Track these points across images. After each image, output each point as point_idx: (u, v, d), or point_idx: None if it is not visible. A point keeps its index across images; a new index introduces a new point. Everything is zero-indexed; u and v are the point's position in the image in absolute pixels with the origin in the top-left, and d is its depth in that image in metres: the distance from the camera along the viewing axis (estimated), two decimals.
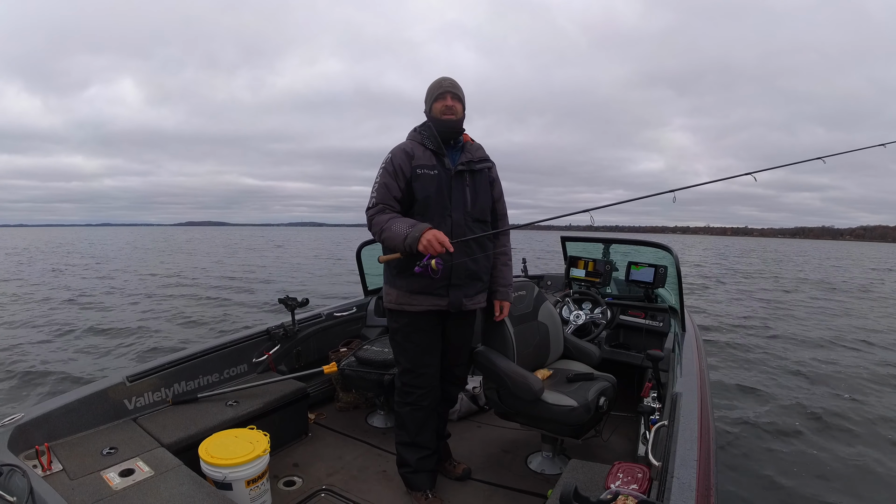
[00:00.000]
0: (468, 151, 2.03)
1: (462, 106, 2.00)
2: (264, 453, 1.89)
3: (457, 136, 2.01)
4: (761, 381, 5.10)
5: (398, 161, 1.92)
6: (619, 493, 1.29)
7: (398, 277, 1.95)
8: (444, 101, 1.96)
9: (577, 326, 3.20)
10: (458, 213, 1.95)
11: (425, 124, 2.02)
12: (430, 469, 2.11)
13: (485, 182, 2.05)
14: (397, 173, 1.91)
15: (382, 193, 1.91)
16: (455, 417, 2.85)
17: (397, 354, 2.09)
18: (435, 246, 1.72)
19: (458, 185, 1.97)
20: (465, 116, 2.02)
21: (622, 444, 2.58)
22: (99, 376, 4.13)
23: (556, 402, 2.07)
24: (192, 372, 2.44)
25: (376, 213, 1.89)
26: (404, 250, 1.79)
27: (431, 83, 2.03)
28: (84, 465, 1.73)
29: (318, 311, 3.29)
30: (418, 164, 1.92)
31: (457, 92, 1.98)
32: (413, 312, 1.96)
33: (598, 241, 3.87)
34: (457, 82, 2.00)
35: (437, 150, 1.95)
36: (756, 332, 7.69)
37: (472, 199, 1.99)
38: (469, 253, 1.96)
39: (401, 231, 1.78)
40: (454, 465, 2.29)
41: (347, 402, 3.02)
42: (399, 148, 1.97)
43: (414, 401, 2.04)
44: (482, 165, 2.05)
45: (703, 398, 1.89)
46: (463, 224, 1.95)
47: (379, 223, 1.86)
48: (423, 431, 2.07)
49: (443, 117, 1.96)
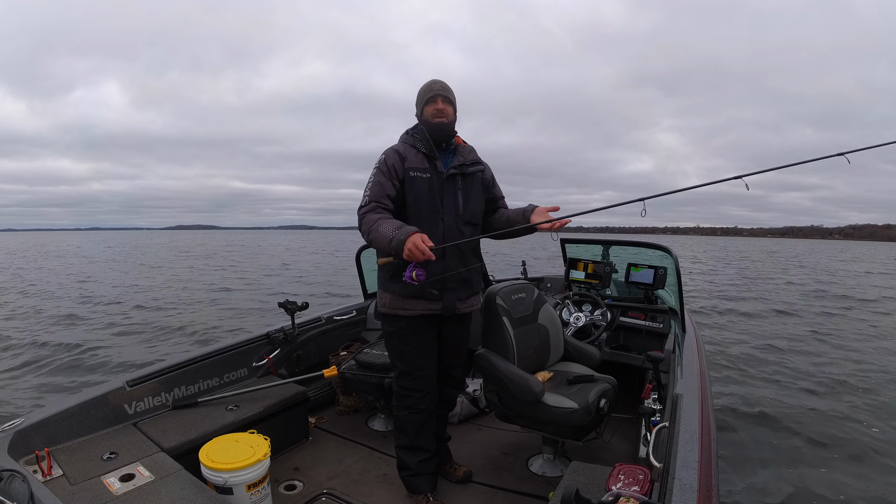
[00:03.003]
0: (460, 154, 2.03)
1: (453, 109, 2.00)
2: (265, 457, 1.88)
3: (448, 139, 2.01)
4: (762, 381, 5.11)
5: (391, 161, 1.92)
6: (620, 494, 1.29)
7: (391, 282, 1.95)
8: (434, 104, 1.96)
9: (577, 328, 3.20)
10: (450, 217, 1.95)
11: (417, 127, 2.02)
12: (431, 472, 2.11)
13: (477, 185, 2.06)
14: (391, 172, 1.91)
15: (376, 191, 1.90)
16: (456, 420, 2.85)
17: (393, 358, 2.09)
18: (416, 254, 1.68)
19: (450, 189, 1.97)
20: (457, 119, 2.02)
21: (623, 445, 2.57)
22: (99, 381, 4.12)
23: (557, 405, 2.07)
24: (192, 376, 2.44)
25: (368, 212, 1.87)
26: (390, 253, 1.77)
27: (422, 86, 2.02)
28: (84, 471, 1.72)
29: (318, 315, 3.29)
30: (410, 167, 1.92)
31: (447, 95, 1.98)
32: (408, 316, 1.96)
33: (598, 242, 3.87)
34: (447, 85, 2.00)
35: (430, 154, 1.95)
36: (755, 332, 7.70)
37: (464, 203, 2.00)
38: (461, 257, 1.97)
39: (387, 233, 1.75)
40: (455, 468, 2.28)
41: (348, 406, 3.01)
42: (392, 149, 1.98)
43: (412, 404, 2.03)
44: (474, 169, 2.05)
45: (704, 399, 1.89)
46: (455, 227, 1.96)
47: (368, 222, 1.84)
48: (422, 434, 2.07)
49: (434, 120, 1.96)
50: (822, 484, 3.08)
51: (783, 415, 4.18)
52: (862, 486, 3.07)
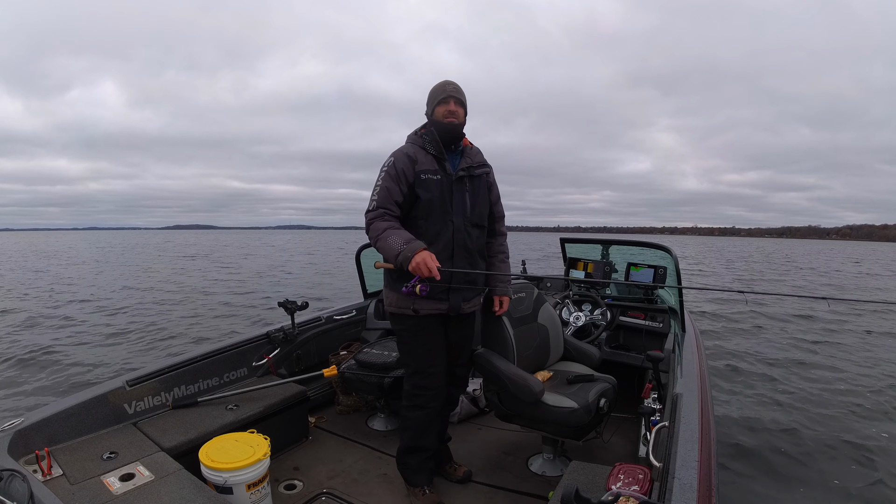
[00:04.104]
0: (468, 156, 2.04)
1: (464, 111, 2.01)
2: (265, 457, 1.89)
3: (458, 141, 2.02)
4: (762, 381, 5.10)
5: (401, 165, 1.92)
6: (620, 494, 1.29)
7: (398, 282, 1.95)
8: (447, 105, 1.96)
9: (576, 328, 3.20)
10: (459, 219, 1.97)
11: (426, 127, 2.02)
12: (430, 468, 2.14)
13: (483, 187, 2.08)
14: (400, 177, 1.90)
15: (384, 197, 1.90)
16: (456, 420, 2.85)
17: (405, 356, 2.10)
18: (423, 269, 1.74)
19: (459, 191, 1.98)
20: (466, 121, 2.03)
21: (623, 445, 2.57)
22: (99, 381, 4.12)
23: (557, 404, 2.07)
24: (192, 376, 2.44)
25: (375, 218, 1.89)
26: (396, 266, 1.82)
27: (435, 86, 2.02)
28: (84, 470, 1.72)
29: (318, 315, 3.29)
30: (422, 170, 1.93)
31: (460, 97, 1.99)
32: (416, 315, 1.98)
33: (597, 242, 3.87)
34: (460, 87, 2.00)
35: (439, 155, 1.96)
36: (754, 329, 7.70)
37: (472, 205, 2.01)
38: (469, 259, 1.99)
39: (395, 246, 1.79)
40: (455, 468, 2.28)
41: (348, 406, 3.01)
42: (401, 152, 1.97)
43: (423, 403, 2.04)
44: (481, 171, 2.07)
45: (704, 399, 1.89)
46: (463, 229, 1.97)
47: (376, 230, 1.86)
48: (427, 434, 2.08)
49: (445, 121, 1.97)
50: (825, 483, 3.08)
51: (785, 415, 4.18)
52: (862, 486, 3.07)
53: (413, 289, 1.80)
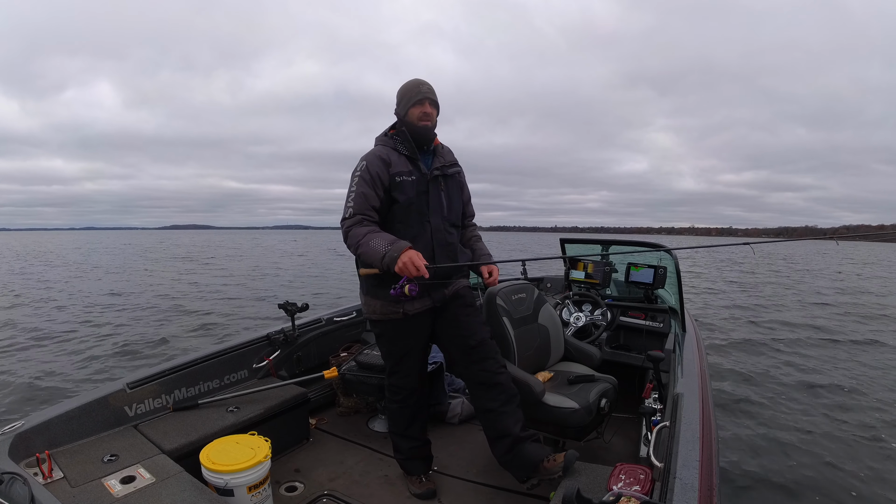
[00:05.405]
0: (440, 156, 2.02)
1: (437, 111, 1.98)
2: (266, 459, 1.88)
3: (430, 142, 1.99)
4: (763, 382, 5.10)
5: (375, 168, 1.87)
6: (621, 494, 1.29)
7: (380, 287, 1.90)
8: (422, 107, 1.92)
9: (577, 328, 3.20)
10: (437, 219, 1.94)
11: (398, 129, 1.97)
12: (423, 457, 2.19)
13: (456, 186, 2.07)
14: (375, 181, 1.86)
15: (360, 203, 1.85)
16: (456, 420, 2.85)
17: (384, 356, 2.16)
18: (410, 269, 1.70)
19: (435, 191, 1.96)
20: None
21: (624, 445, 2.57)
22: (99, 383, 4.12)
23: (558, 404, 2.07)
24: (192, 378, 2.44)
25: (354, 225, 1.84)
26: (381, 269, 1.77)
27: (407, 85, 1.97)
28: (85, 473, 1.72)
29: (318, 316, 3.28)
30: (396, 172, 1.89)
31: (435, 98, 1.96)
32: (400, 319, 1.96)
33: (597, 242, 3.87)
34: (432, 87, 1.97)
35: (412, 156, 1.93)
36: (753, 330, 7.69)
37: (448, 204, 2.00)
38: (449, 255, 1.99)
39: (379, 249, 1.75)
40: (552, 460, 1.88)
41: (348, 407, 3.01)
42: (373, 154, 1.91)
43: (401, 399, 2.13)
44: (454, 170, 2.06)
45: (705, 399, 1.89)
46: (441, 229, 1.95)
47: (356, 236, 1.81)
48: (412, 425, 2.16)
49: (419, 123, 1.93)
50: (825, 483, 3.08)
51: (786, 414, 4.18)
52: (864, 483, 3.07)
53: (402, 290, 1.73)
